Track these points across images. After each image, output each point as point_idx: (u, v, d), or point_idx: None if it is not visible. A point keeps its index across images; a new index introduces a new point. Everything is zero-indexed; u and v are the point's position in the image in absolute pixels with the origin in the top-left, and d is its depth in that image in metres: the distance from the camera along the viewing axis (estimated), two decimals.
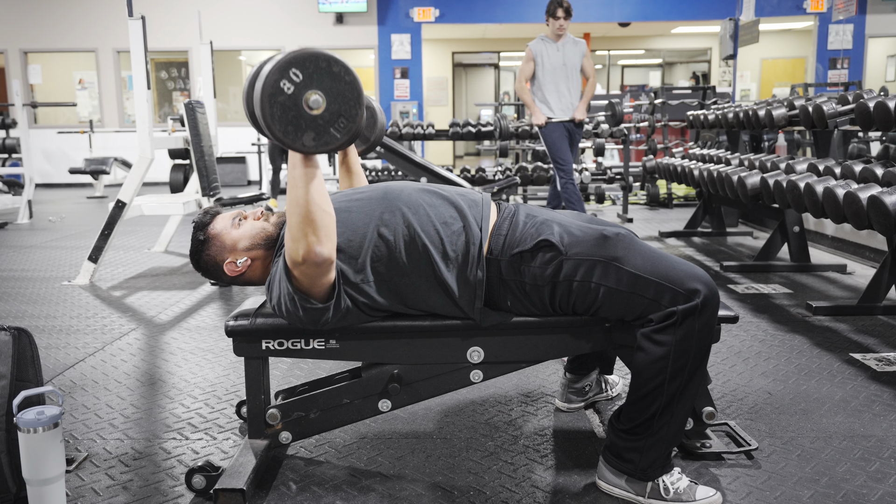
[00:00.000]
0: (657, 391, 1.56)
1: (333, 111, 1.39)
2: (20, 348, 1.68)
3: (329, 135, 1.40)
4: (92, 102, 11.94)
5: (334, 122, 1.39)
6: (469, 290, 1.64)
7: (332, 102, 1.38)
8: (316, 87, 1.37)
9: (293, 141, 1.39)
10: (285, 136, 1.38)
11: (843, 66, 10.57)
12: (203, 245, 1.78)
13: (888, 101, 3.18)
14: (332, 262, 1.54)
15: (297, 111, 1.37)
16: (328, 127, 1.39)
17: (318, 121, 1.38)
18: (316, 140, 1.40)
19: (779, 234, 4.22)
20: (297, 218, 1.48)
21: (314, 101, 1.37)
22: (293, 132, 1.38)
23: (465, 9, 11.13)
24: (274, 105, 1.36)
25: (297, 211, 1.48)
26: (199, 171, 4.59)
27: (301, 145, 1.40)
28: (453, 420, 2.11)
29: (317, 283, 1.56)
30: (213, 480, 1.68)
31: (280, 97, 1.36)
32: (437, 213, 1.67)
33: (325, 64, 1.37)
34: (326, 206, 1.50)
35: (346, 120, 1.40)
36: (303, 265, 1.52)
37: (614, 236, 1.62)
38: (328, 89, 1.38)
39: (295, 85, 1.36)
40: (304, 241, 1.49)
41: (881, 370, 2.47)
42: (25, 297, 3.79)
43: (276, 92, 1.35)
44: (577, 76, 5.20)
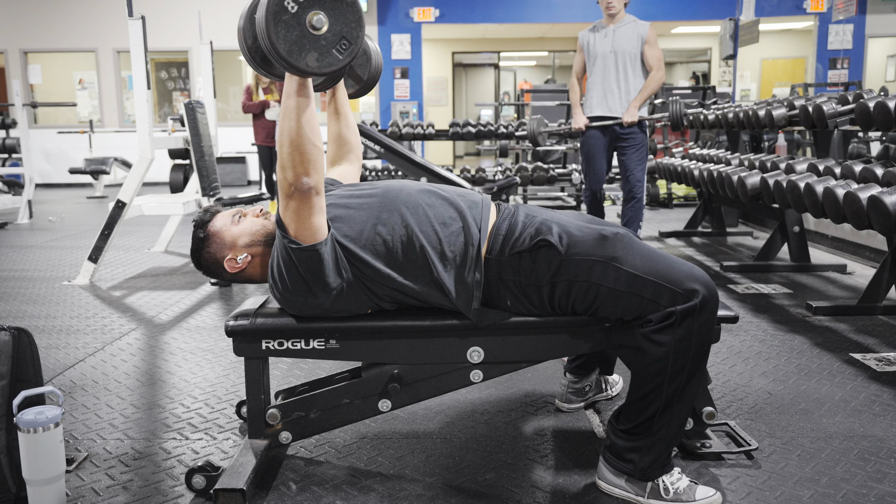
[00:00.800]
0: (656, 391, 1.56)
1: (336, 32, 1.39)
2: (20, 348, 1.68)
3: (332, 55, 1.40)
4: (92, 102, 11.94)
5: (337, 43, 1.40)
6: (466, 292, 1.64)
7: (334, 23, 1.39)
8: (319, 6, 1.38)
9: (297, 60, 1.39)
10: (290, 56, 1.38)
11: (843, 66, 10.57)
12: (203, 243, 1.79)
13: (888, 101, 3.18)
14: (319, 194, 1.56)
15: (300, 30, 1.37)
16: (331, 48, 1.40)
17: (322, 41, 1.39)
18: (319, 60, 1.40)
19: (779, 234, 4.21)
20: (287, 148, 1.52)
21: (318, 21, 1.38)
22: (297, 52, 1.38)
23: (465, 9, 11.13)
24: (279, 24, 1.36)
25: (288, 141, 1.52)
26: (199, 171, 4.60)
27: (305, 65, 1.40)
28: (453, 420, 2.11)
29: (306, 220, 1.56)
30: (213, 480, 1.68)
31: (284, 16, 1.36)
32: (436, 214, 1.67)
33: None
34: (316, 139, 1.53)
35: (348, 41, 1.41)
36: (292, 197, 1.54)
37: (613, 236, 1.62)
38: (331, 9, 1.39)
39: (299, 4, 1.37)
40: (292, 171, 1.53)
41: (881, 370, 2.47)
42: (25, 297, 3.79)
43: (281, 10, 1.36)
44: (634, 67, 4.19)
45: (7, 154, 9.20)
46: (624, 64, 4.16)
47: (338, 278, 1.62)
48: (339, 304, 1.66)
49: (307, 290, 1.63)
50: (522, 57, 16.87)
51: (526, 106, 9.05)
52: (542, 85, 13.71)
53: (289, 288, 1.64)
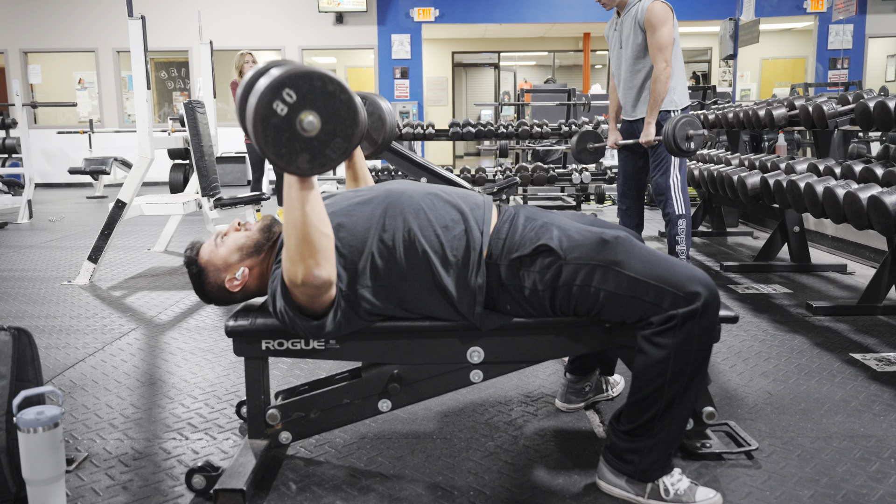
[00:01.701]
0: (657, 393, 1.56)
1: (329, 131, 1.33)
2: (20, 348, 1.68)
3: (324, 156, 1.35)
4: (92, 102, 11.94)
5: (330, 143, 1.34)
6: (469, 295, 1.64)
7: (327, 123, 1.33)
8: (310, 107, 1.31)
9: (287, 164, 1.34)
10: (279, 159, 1.33)
11: (843, 66, 10.57)
12: (200, 276, 1.79)
13: (888, 101, 3.18)
14: (331, 283, 1.53)
15: (291, 133, 1.31)
16: (324, 148, 1.34)
17: (314, 142, 1.33)
18: (311, 162, 1.35)
19: (779, 234, 4.22)
20: (294, 240, 1.47)
21: (308, 123, 1.31)
22: (287, 155, 1.33)
23: (465, 9, 11.13)
24: (267, 128, 1.30)
25: (295, 233, 1.46)
26: (199, 171, 4.59)
27: (296, 168, 1.35)
28: (453, 420, 2.11)
29: (316, 301, 1.57)
30: (213, 480, 1.68)
31: (273, 119, 1.30)
32: (438, 217, 1.66)
33: (320, 83, 1.31)
34: (324, 227, 1.48)
35: (342, 140, 1.35)
36: (302, 287, 1.52)
37: (613, 240, 1.62)
38: (323, 109, 1.32)
39: (289, 106, 1.30)
40: (303, 265, 1.48)
41: (881, 370, 2.47)
42: (25, 297, 3.79)
43: (269, 114, 1.30)
44: (643, 62, 3.51)
45: (7, 154, 9.20)
46: (629, 60, 3.55)
47: (335, 323, 1.63)
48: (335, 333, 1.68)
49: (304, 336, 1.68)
50: (522, 57, 16.87)
51: (526, 106, 9.04)
52: (542, 85, 13.71)
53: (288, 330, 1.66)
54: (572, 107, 7.91)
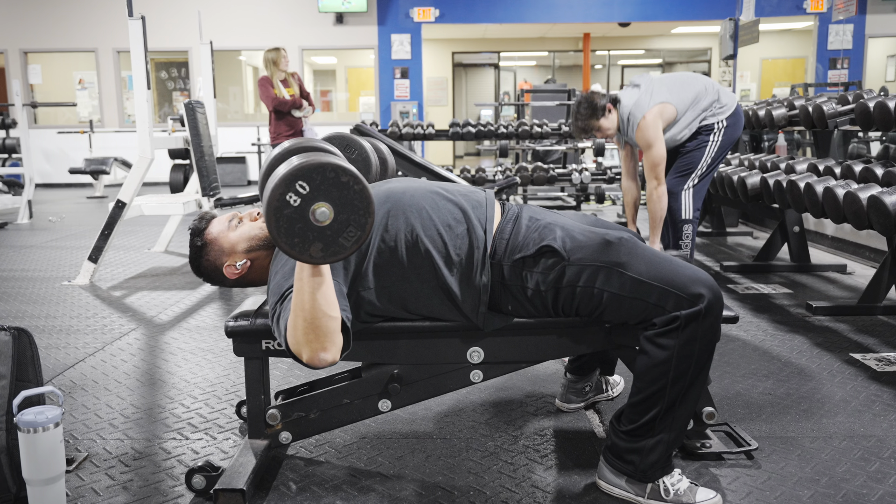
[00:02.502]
0: (659, 394, 1.56)
1: (342, 221, 1.33)
2: (20, 348, 1.68)
3: (337, 244, 1.34)
4: (92, 102, 11.94)
5: (343, 232, 1.34)
6: (473, 295, 1.64)
7: (340, 213, 1.33)
8: (323, 198, 1.31)
9: (300, 253, 1.34)
10: (292, 249, 1.33)
11: (843, 66, 10.57)
12: (202, 250, 1.78)
13: (888, 101, 3.18)
14: (335, 362, 1.49)
15: (303, 223, 1.32)
16: (336, 237, 1.34)
17: (327, 231, 1.33)
18: (324, 251, 1.34)
19: (779, 234, 4.22)
20: (301, 323, 1.43)
21: (321, 214, 1.31)
22: (300, 244, 1.33)
23: (465, 9, 11.13)
24: (280, 218, 1.31)
25: (303, 316, 1.42)
26: (199, 171, 4.60)
27: (308, 257, 1.35)
28: (453, 420, 2.11)
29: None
30: (213, 480, 1.68)
31: (286, 210, 1.31)
32: (441, 216, 1.65)
33: (333, 174, 1.32)
34: (332, 311, 1.44)
35: (355, 228, 1.34)
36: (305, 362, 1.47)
37: (617, 241, 1.62)
38: (336, 200, 1.32)
39: (301, 197, 1.31)
40: (308, 348, 1.44)
41: (881, 370, 2.47)
42: (25, 297, 3.79)
43: (283, 205, 1.30)
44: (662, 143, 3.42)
45: (7, 154, 9.21)
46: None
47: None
48: None
49: None
50: (522, 57, 16.87)
51: (526, 106, 9.04)
52: (542, 85, 13.70)
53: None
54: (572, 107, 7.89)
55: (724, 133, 3.43)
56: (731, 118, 3.45)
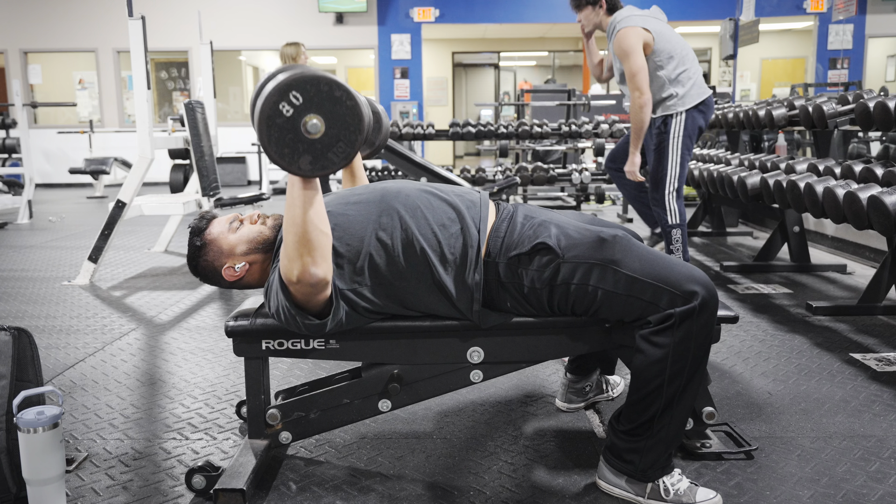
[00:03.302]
0: (656, 393, 1.56)
1: (332, 136, 1.36)
2: (20, 348, 1.68)
3: (326, 159, 1.37)
4: (92, 102, 11.95)
5: (332, 147, 1.36)
6: (467, 293, 1.64)
7: (331, 127, 1.35)
8: (315, 111, 1.34)
9: (289, 164, 1.36)
10: (281, 159, 1.36)
11: (843, 66, 10.57)
12: (200, 251, 1.78)
13: (888, 101, 3.18)
14: (327, 283, 1.54)
15: (294, 134, 1.34)
16: (326, 151, 1.36)
17: (316, 145, 1.35)
18: (313, 164, 1.37)
19: (779, 234, 4.22)
20: (293, 238, 1.47)
21: (313, 126, 1.34)
22: (290, 155, 1.35)
23: (465, 9, 11.13)
24: (272, 127, 1.33)
25: (294, 231, 1.46)
26: (199, 171, 4.60)
27: (297, 168, 1.37)
28: (453, 420, 2.11)
29: (312, 300, 1.57)
30: (213, 480, 1.68)
31: (278, 119, 1.33)
32: (435, 216, 1.66)
33: (327, 88, 1.34)
34: (324, 226, 1.49)
35: (344, 145, 1.37)
36: (297, 284, 1.52)
37: (611, 238, 1.62)
38: (328, 113, 1.35)
39: (294, 108, 1.33)
40: (300, 262, 1.48)
41: (881, 370, 2.47)
42: (25, 297, 3.79)
43: (275, 114, 1.33)
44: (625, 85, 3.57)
45: (7, 154, 9.20)
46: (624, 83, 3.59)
47: (335, 321, 1.62)
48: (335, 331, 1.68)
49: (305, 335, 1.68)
50: (522, 57, 16.87)
51: (526, 106, 9.05)
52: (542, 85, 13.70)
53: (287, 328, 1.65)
54: (572, 107, 7.91)
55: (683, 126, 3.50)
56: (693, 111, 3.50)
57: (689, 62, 3.54)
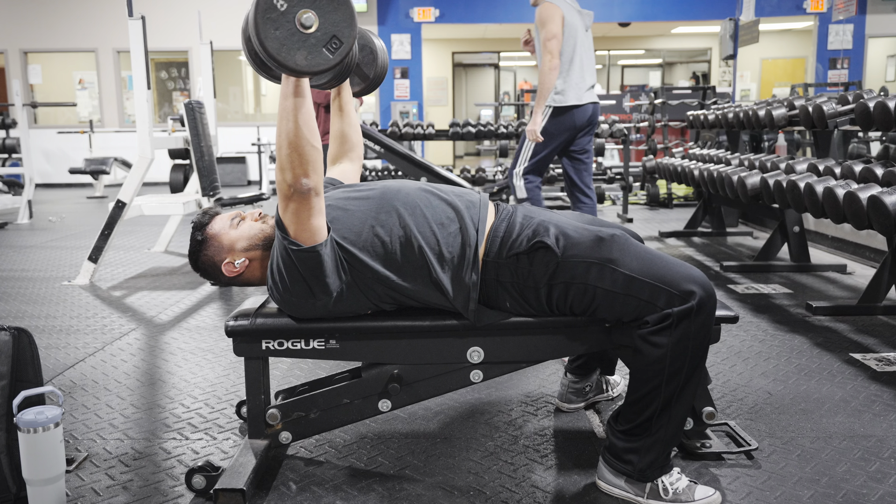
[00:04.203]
0: (654, 393, 1.56)
1: (326, 31, 1.39)
2: (20, 348, 1.68)
3: (321, 55, 1.40)
4: (92, 102, 11.94)
5: (327, 42, 1.39)
6: (463, 292, 1.64)
7: (324, 22, 1.39)
8: (308, 5, 1.38)
9: (285, 58, 1.39)
10: (277, 54, 1.38)
11: (843, 66, 10.57)
12: (201, 245, 1.79)
13: (888, 101, 3.17)
14: (318, 195, 1.56)
15: (289, 28, 1.37)
16: (320, 46, 1.39)
17: (311, 39, 1.39)
18: (308, 59, 1.40)
19: (779, 234, 4.21)
20: (284, 150, 1.52)
21: (307, 19, 1.37)
22: (285, 50, 1.38)
23: (465, 9, 11.13)
24: (266, 21, 1.36)
25: (287, 143, 1.51)
26: (199, 171, 4.60)
27: (294, 63, 1.39)
28: (453, 420, 2.11)
29: (305, 222, 1.56)
30: (213, 480, 1.68)
31: (272, 13, 1.37)
32: (434, 214, 1.67)
33: None
34: (314, 139, 1.53)
35: (338, 41, 1.40)
36: (291, 199, 1.54)
37: (609, 238, 1.62)
38: (322, 8, 1.38)
39: (288, 2, 1.37)
40: (291, 172, 1.52)
41: (881, 370, 2.47)
42: (25, 297, 3.79)
43: (270, 8, 1.36)
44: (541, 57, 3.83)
45: (7, 154, 9.20)
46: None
47: (337, 280, 1.62)
48: (339, 306, 1.66)
49: (308, 291, 1.63)
50: (522, 57, 16.87)
51: (526, 106, 9.04)
52: None
53: (289, 289, 1.63)
54: None
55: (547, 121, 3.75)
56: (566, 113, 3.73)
57: (579, 67, 3.77)
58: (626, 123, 7.78)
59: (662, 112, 7.94)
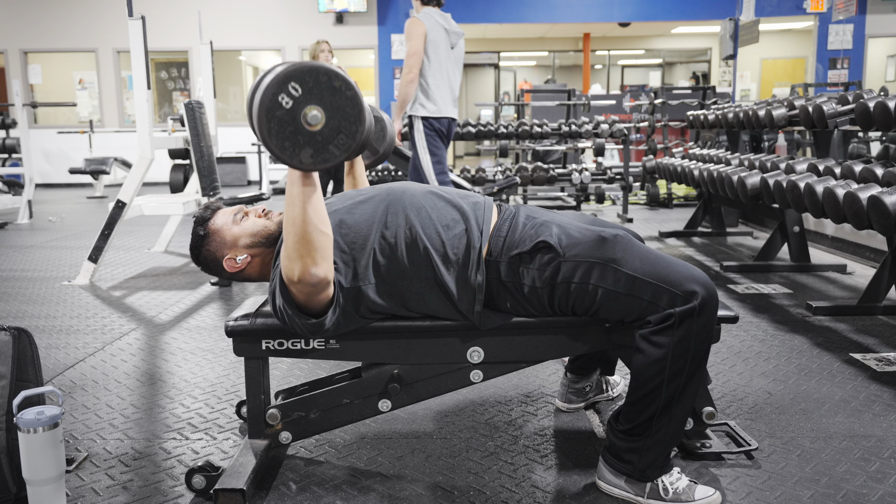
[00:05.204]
0: (655, 392, 1.56)
1: (333, 127, 1.34)
2: (20, 348, 1.68)
3: (328, 151, 1.35)
4: (92, 102, 11.94)
5: (333, 139, 1.34)
6: (468, 294, 1.64)
7: (331, 118, 1.33)
8: (315, 102, 1.32)
9: (290, 157, 1.35)
10: (282, 153, 1.34)
11: (843, 66, 10.57)
12: (203, 240, 1.79)
13: (888, 101, 3.17)
14: (328, 282, 1.53)
15: (295, 126, 1.32)
16: (327, 143, 1.35)
17: (317, 137, 1.34)
18: (314, 157, 1.35)
19: (779, 234, 4.21)
20: (293, 237, 1.46)
21: (313, 117, 1.32)
22: (290, 148, 1.33)
23: (465, 9, 11.12)
24: (272, 120, 1.31)
25: (294, 230, 1.46)
26: (199, 171, 4.59)
27: (298, 162, 1.35)
28: (453, 420, 2.11)
29: (313, 300, 1.57)
30: (213, 480, 1.68)
31: (278, 112, 1.31)
32: (440, 216, 1.67)
33: (326, 78, 1.32)
34: (323, 226, 1.48)
35: (345, 136, 1.35)
36: (298, 284, 1.51)
37: (612, 238, 1.62)
38: (328, 104, 1.33)
39: (294, 99, 1.32)
40: (300, 262, 1.47)
41: (881, 370, 2.47)
42: (25, 297, 3.79)
43: (275, 106, 1.31)
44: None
45: (7, 154, 9.20)
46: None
47: (333, 321, 1.62)
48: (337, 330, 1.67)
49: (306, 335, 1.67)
50: (522, 57, 16.88)
51: (526, 106, 9.05)
52: (542, 85, 13.70)
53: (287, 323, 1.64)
54: (572, 107, 7.91)
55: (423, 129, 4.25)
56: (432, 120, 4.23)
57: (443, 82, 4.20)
58: (626, 123, 7.78)
59: (662, 112, 7.94)
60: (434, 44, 4.17)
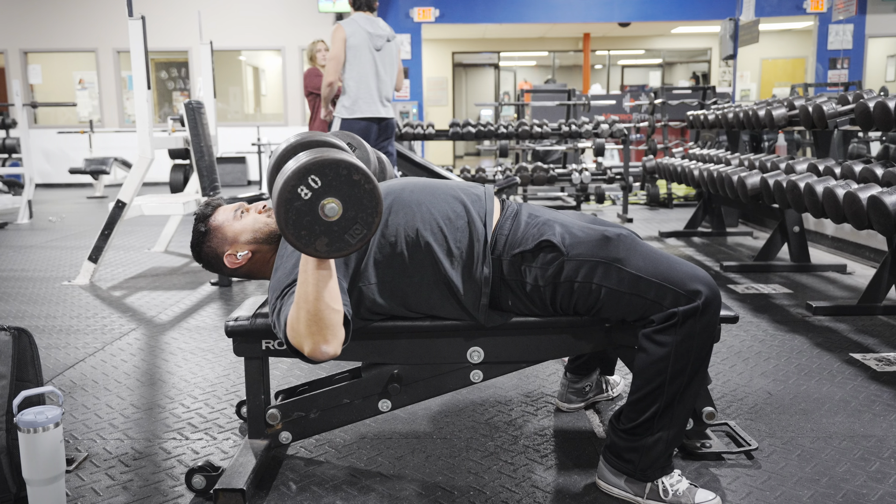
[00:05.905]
0: (657, 392, 1.56)
1: (349, 218, 1.35)
2: (20, 348, 1.68)
3: (343, 241, 1.36)
4: (92, 102, 11.94)
5: (349, 229, 1.36)
6: (474, 288, 1.64)
7: (348, 209, 1.35)
8: (334, 194, 1.34)
9: (305, 246, 1.35)
10: (298, 241, 1.35)
11: (843, 66, 10.56)
12: (204, 237, 1.78)
13: (888, 101, 3.17)
14: (336, 354, 1.48)
15: (312, 217, 1.34)
16: (343, 233, 1.36)
17: (334, 227, 1.35)
18: (329, 246, 1.36)
19: (779, 234, 4.21)
20: (305, 315, 1.43)
21: (330, 209, 1.34)
22: (307, 237, 1.35)
23: (465, 9, 11.11)
24: (290, 210, 1.33)
25: (306, 308, 1.42)
26: (199, 171, 4.59)
27: (313, 250, 1.36)
28: (453, 420, 2.11)
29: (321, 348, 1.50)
30: (213, 480, 1.68)
31: (296, 202, 1.33)
32: (441, 210, 1.66)
33: (346, 172, 1.34)
34: (336, 304, 1.44)
35: (361, 226, 1.36)
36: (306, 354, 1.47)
37: (616, 237, 1.62)
38: (346, 197, 1.34)
39: (313, 192, 1.33)
40: (310, 340, 1.44)
41: (881, 370, 2.47)
42: (25, 297, 3.79)
43: (293, 197, 1.33)
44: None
45: (7, 154, 9.20)
46: None
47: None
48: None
49: None
50: (522, 57, 16.87)
51: (526, 106, 9.05)
52: (542, 85, 13.70)
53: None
54: (572, 107, 7.91)
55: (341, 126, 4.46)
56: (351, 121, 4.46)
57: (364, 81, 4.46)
58: (626, 123, 7.78)
59: (662, 112, 7.94)
60: (355, 48, 4.44)
